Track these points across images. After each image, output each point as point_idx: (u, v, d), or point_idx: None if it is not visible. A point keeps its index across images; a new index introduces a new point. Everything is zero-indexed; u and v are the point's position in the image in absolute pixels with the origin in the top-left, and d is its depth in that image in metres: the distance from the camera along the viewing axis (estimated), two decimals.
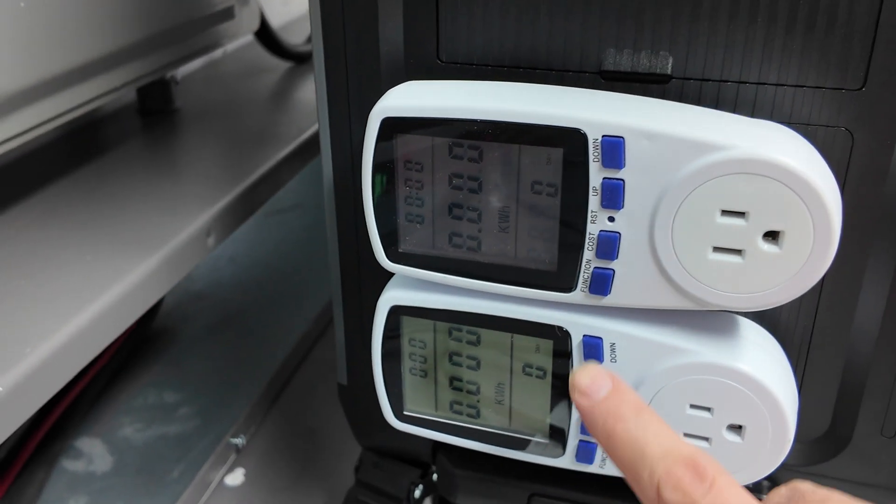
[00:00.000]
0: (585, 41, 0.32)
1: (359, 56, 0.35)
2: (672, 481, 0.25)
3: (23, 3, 0.41)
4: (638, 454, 0.26)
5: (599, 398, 0.28)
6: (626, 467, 0.27)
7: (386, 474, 0.46)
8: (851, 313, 0.34)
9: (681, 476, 0.25)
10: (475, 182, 0.32)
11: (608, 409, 0.28)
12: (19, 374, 0.36)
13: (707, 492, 0.25)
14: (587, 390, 0.29)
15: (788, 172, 0.27)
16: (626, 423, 0.27)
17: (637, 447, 0.26)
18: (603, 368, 0.30)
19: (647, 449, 0.26)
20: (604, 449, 0.28)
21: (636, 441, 0.27)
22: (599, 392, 0.29)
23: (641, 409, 0.28)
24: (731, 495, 0.25)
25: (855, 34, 0.29)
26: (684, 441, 0.27)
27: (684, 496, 0.25)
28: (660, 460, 0.26)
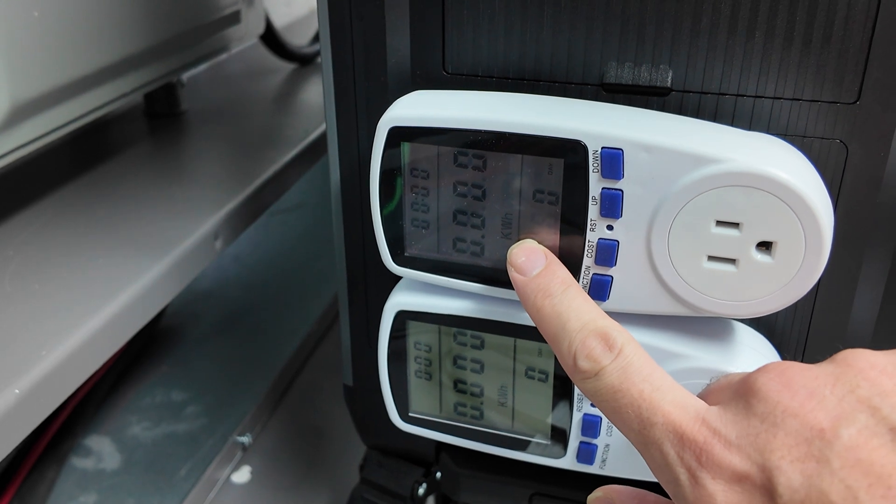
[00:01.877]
0: (588, 54, 0.33)
1: (367, 67, 0.36)
2: (585, 351, 0.27)
3: (36, 12, 0.42)
4: (560, 327, 0.29)
5: (532, 275, 0.30)
6: (551, 340, 0.29)
7: (390, 473, 0.47)
8: (846, 319, 0.35)
9: (592, 346, 0.27)
10: (479, 190, 0.33)
11: (539, 286, 0.30)
12: (35, 376, 0.37)
13: (614, 359, 0.27)
14: (522, 267, 0.31)
15: (781, 185, 0.28)
16: (553, 299, 0.29)
17: (560, 321, 0.29)
18: (538, 246, 0.32)
19: (567, 323, 0.28)
20: (534, 323, 0.30)
21: (559, 315, 0.29)
22: (533, 269, 0.31)
23: (569, 285, 0.30)
24: (635, 360, 0.27)
25: (850, 49, 0.30)
26: (603, 315, 0.29)
27: (594, 364, 0.27)
28: (577, 332, 0.28)
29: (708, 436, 0.24)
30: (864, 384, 0.23)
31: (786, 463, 0.23)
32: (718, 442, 0.24)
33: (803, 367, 0.25)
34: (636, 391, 0.26)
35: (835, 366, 0.25)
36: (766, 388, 0.24)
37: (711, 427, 0.25)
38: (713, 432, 0.24)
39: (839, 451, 0.22)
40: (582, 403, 0.36)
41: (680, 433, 0.25)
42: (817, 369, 0.25)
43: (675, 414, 0.25)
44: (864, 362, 0.24)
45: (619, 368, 0.27)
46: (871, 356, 0.24)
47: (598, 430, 0.36)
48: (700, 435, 0.25)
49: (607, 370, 0.27)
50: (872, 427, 0.22)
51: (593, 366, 0.27)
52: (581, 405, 0.36)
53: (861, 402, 0.23)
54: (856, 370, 0.24)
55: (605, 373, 0.27)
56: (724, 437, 0.24)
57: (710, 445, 0.24)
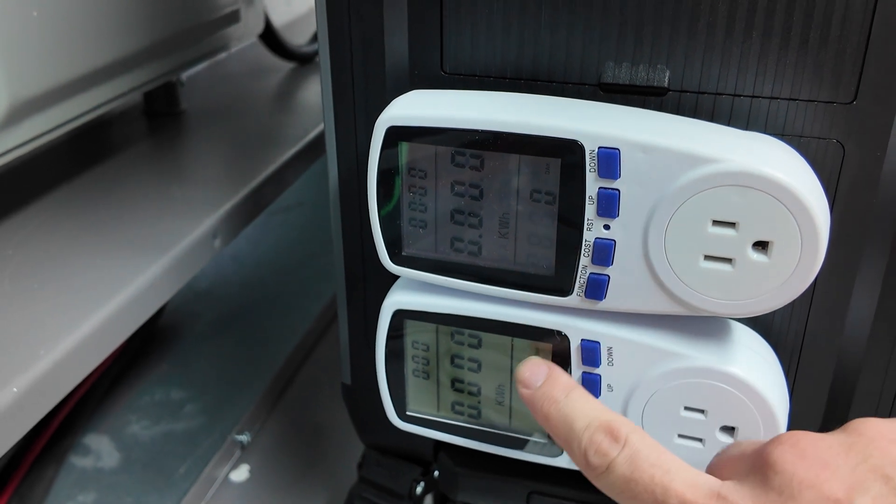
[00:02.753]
0: (585, 54, 0.33)
1: (365, 67, 0.36)
2: (594, 447, 0.29)
3: (35, 12, 0.42)
4: (568, 429, 0.30)
5: (537, 386, 0.32)
6: (563, 442, 0.30)
7: (388, 471, 0.47)
8: (842, 318, 0.35)
9: (600, 441, 0.29)
10: (476, 189, 0.33)
11: (544, 395, 0.32)
12: (34, 375, 0.37)
13: (621, 449, 0.28)
14: (527, 381, 0.33)
15: (777, 185, 0.28)
16: (558, 404, 0.31)
17: (567, 423, 0.30)
18: (541, 360, 0.34)
19: (574, 424, 0.30)
20: (546, 430, 0.31)
21: (566, 418, 0.30)
22: (537, 381, 0.32)
23: (571, 389, 0.31)
24: (642, 448, 0.28)
25: (847, 50, 0.30)
26: (607, 411, 0.30)
27: (603, 457, 0.28)
28: (584, 430, 0.29)
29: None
30: (875, 453, 0.25)
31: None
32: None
33: (816, 437, 0.26)
34: (647, 477, 0.27)
35: (846, 435, 0.26)
36: (781, 459, 0.25)
37: (728, 501, 0.26)
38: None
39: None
40: None
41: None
42: (830, 439, 0.26)
43: (689, 493, 0.26)
44: (874, 431, 0.25)
45: (627, 458, 0.28)
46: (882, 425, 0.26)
47: None
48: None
49: (617, 462, 0.28)
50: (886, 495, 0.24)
51: (603, 460, 0.28)
52: None
53: (873, 472, 0.24)
54: (867, 439, 0.25)
55: (615, 465, 0.28)
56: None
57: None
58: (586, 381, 0.35)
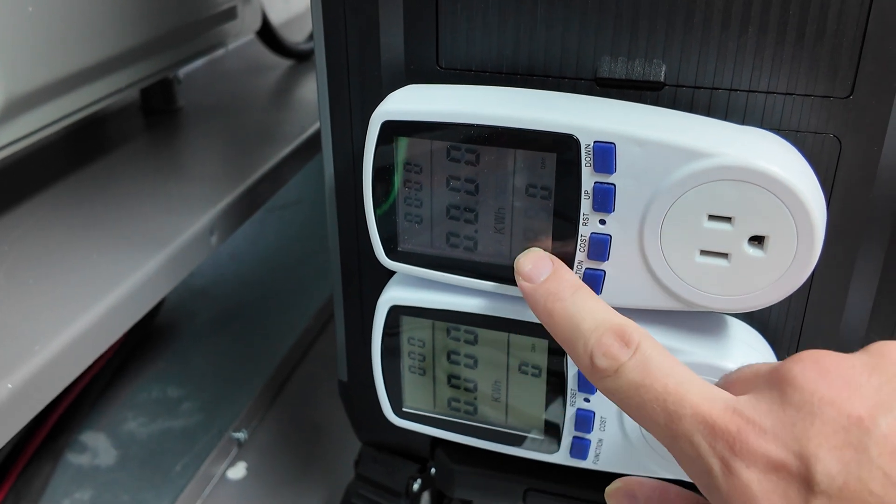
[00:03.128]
0: (581, 49, 0.33)
1: (360, 62, 0.36)
2: (602, 349, 0.27)
3: (31, 7, 0.42)
4: (574, 328, 0.28)
5: (540, 281, 0.30)
6: (565, 342, 0.29)
7: (385, 469, 0.47)
8: (840, 314, 0.35)
9: (609, 344, 0.27)
10: (472, 184, 0.33)
11: (548, 290, 0.30)
12: (28, 371, 0.37)
13: (632, 354, 0.27)
14: (529, 274, 0.31)
15: (773, 180, 0.28)
16: (564, 302, 0.29)
17: (573, 322, 0.28)
18: (545, 253, 0.32)
19: (581, 324, 0.28)
20: (546, 328, 0.30)
21: (572, 317, 0.29)
22: (540, 275, 0.31)
23: (578, 287, 0.30)
24: (654, 356, 0.26)
25: (843, 44, 0.30)
26: (616, 314, 0.28)
27: (612, 361, 0.27)
28: (591, 332, 0.28)
29: (741, 424, 0.24)
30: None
31: (823, 451, 0.23)
32: (753, 430, 0.24)
33: (838, 356, 0.25)
34: (660, 385, 0.26)
35: (869, 356, 0.25)
36: (801, 376, 0.24)
37: (744, 416, 0.24)
38: (747, 421, 0.24)
39: (877, 439, 0.22)
40: (575, 399, 0.36)
41: (711, 423, 0.24)
42: (853, 359, 0.25)
43: (704, 405, 0.25)
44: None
45: (639, 364, 0.26)
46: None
47: (591, 426, 0.36)
48: (733, 424, 0.24)
49: (627, 366, 0.26)
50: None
51: (611, 363, 0.27)
52: (574, 400, 0.36)
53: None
54: (891, 360, 0.24)
55: (624, 369, 0.26)
56: (759, 425, 0.24)
57: (745, 434, 0.24)
58: (582, 376, 0.35)
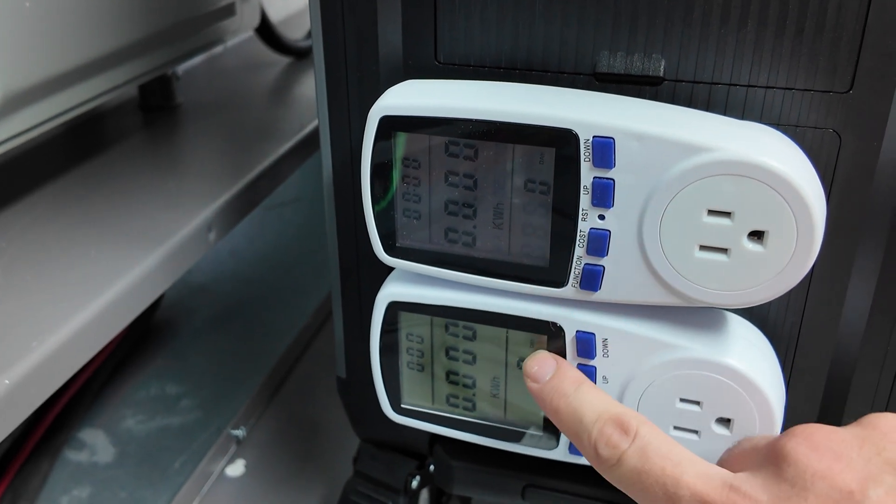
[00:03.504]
0: (580, 44, 0.33)
1: (359, 57, 0.36)
2: (603, 440, 0.29)
3: (28, 3, 0.42)
4: (578, 422, 0.30)
5: (545, 380, 0.32)
6: (572, 436, 0.30)
7: (384, 465, 0.47)
8: (839, 309, 0.35)
9: (609, 433, 0.29)
10: (471, 179, 0.33)
11: (553, 388, 0.32)
12: (25, 367, 0.37)
13: (631, 442, 0.28)
14: (535, 376, 0.32)
15: (772, 174, 0.28)
16: (567, 398, 0.31)
17: (577, 417, 0.30)
18: (549, 354, 0.33)
19: (584, 417, 0.30)
20: (555, 424, 0.31)
21: (575, 411, 0.30)
22: (545, 375, 0.32)
23: (580, 382, 0.31)
24: (652, 440, 0.28)
25: (843, 38, 0.30)
26: (616, 404, 0.30)
27: (614, 449, 0.28)
28: (593, 424, 0.29)
29: (737, 500, 0.25)
30: (890, 447, 0.25)
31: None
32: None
33: (830, 429, 0.26)
34: (658, 469, 0.27)
35: (860, 428, 0.26)
36: (794, 452, 0.25)
37: (741, 492, 0.25)
38: (743, 496, 0.25)
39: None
40: None
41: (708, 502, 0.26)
42: (843, 432, 0.26)
43: (699, 485, 0.26)
44: (888, 425, 0.25)
45: (638, 450, 0.28)
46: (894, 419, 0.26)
47: None
48: (729, 501, 0.25)
49: (627, 454, 0.28)
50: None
51: (613, 452, 0.28)
52: None
53: (888, 464, 0.24)
54: (881, 433, 0.25)
55: (625, 457, 0.28)
56: (755, 500, 0.25)
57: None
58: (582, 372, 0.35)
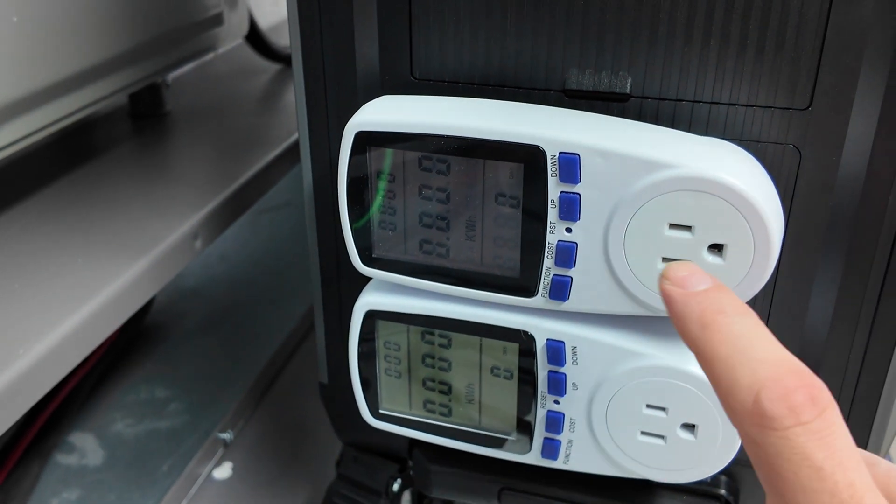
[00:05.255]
0: (550, 61, 0.34)
1: (336, 73, 0.37)
2: (779, 390, 0.21)
3: (15, 17, 0.43)
4: (739, 352, 0.22)
5: (696, 290, 0.25)
6: (721, 362, 0.22)
7: (366, 469, 0.48)
8: (802, 319, 0.36)
9: (793, 389, 0.21)
10: (444, 193, 0.34)
11: (709, 300, 0.24)
12: (13, 374, 0.38)
13: (817, 416, 0.21)
14: (683, 281, 0.25)
15: (730, 190, 0.29)
16: (729, 318, 0.23)
17: (740, 344, 0.22)
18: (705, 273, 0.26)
19: (752, 351, 0.22)
20: (689, 342, 0.24)
21: (740, 338, 0.23)
22: (697, 285, 0.25)
23: (748, 311, 0.24)
24: (842, 433, 0.21)
25: (802, 57, 0.31)
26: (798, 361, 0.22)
27: (790, 412, 0.21)
28: (768, 364, 0.22)
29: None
30: None
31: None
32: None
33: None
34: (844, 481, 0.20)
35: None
36: None
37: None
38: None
39: None
40: (545, 401, 0.37)
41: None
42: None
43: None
44: None
45: (822, 435, 0.20)
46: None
47: (560, 427, 0.37)
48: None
49: (808, 429, 0.20)
50: None
51: (786, 416, 0.21)
52: (544, 402, 0.37)
53: None
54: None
55: (802, 432, 0.20)
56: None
57: None
58: (551, 379, 0.36)
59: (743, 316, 0.23)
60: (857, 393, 0.37)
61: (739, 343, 0.22)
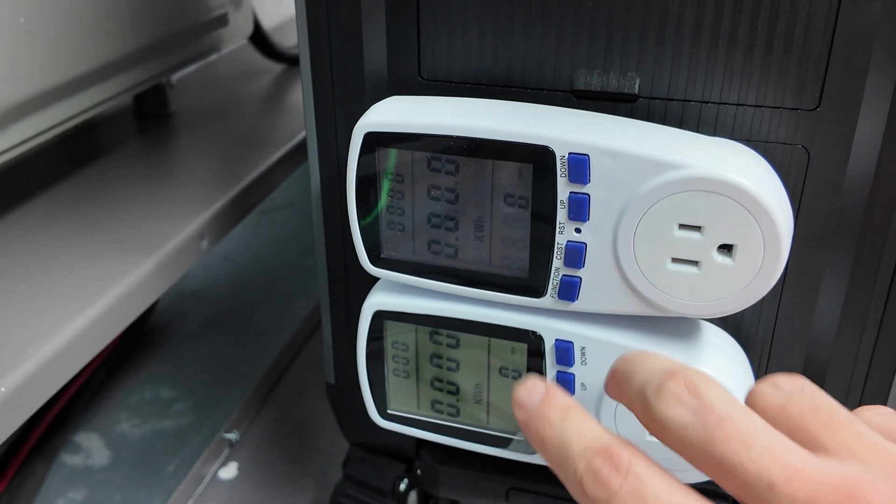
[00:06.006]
0: (558, 62, 0.34)
1: (344, 74, 0.37)
2: (591, 475, 0.25)
3: (23, 18, 0.43)
4: (563, 454, 0.26)
5: (533, 407, 0.28)
6: (557, 469, 0.27)
7: (372, 469, 0.48)
8: (810, 318, 0.36)
9: (598, 468, 0.24)
10: (452, 193, 0.34)
11: (539, 415, 0.28)
12: (21, 374, 0.38)
13: (624, 480, 0.24)
14: (522, 402, 0.29)
15: (740, 190, 0.29)
16: (553, 427, 0.27)
17: (562, 448, 0.26)
18: (538, 378, 0.30)
19: (569, 449, 0.26)
20: (542, 457, 0.28)
21: (561, 442, 0.26)
22: (533, 401, 0.28)
23: (568, 409, 0.27)
24: (647, 478, 0.24)
25: (810, 57, 0.31)
26: (607, 433, 0.26)
27: (603, 488, 0.24)
28: (580, 457, 0.25)
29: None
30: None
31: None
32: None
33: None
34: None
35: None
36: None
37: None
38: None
39: None
40: None
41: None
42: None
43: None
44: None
45: (632, 492, 0.23)
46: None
47: None
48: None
49: (619, 495, 0.24)
50: None
51: (603, 493, 0.24)
52: None
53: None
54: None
55: (617, 499, 0.24)
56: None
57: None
58: (560, 379, 0.36)
59: (563, 420, 0.27)
60: (864, 393, 0.37)
61: (562, 447, 0.26)
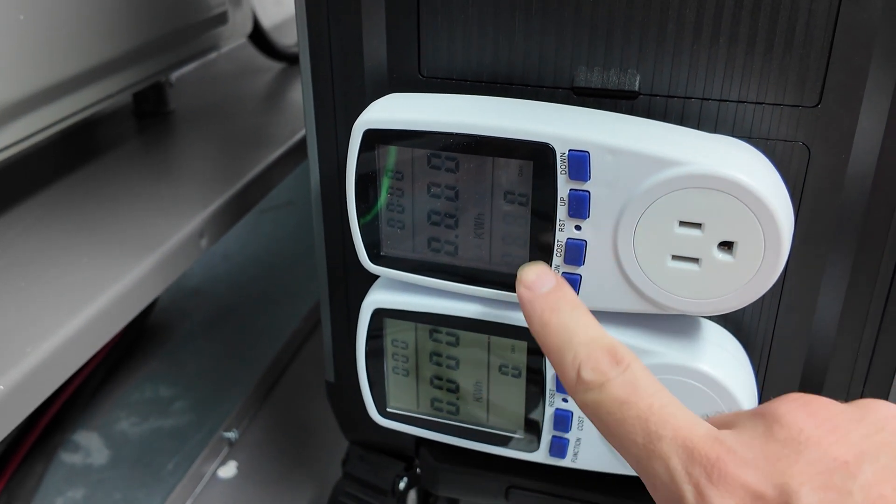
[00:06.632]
0: (558, 59, 0.34)
1: (344, 71, 0.37)
2: (591, 363, 0.27)
3: (22, 16, 0.43)
4: (566, 340, 0.29)
5: (541, 292, 0.30)
6: (554, 352, 0.29)
7: (372, 467, 0.48)
8: (810, 316, 0.36)
9: (599, 358, 0.27)
10: (452, 191, 0.34)
11: (547, 302, 0.30)
12: (20, 372, 0.38)
13: (622, 372, 0.27)
14: (531, 284, 0.31)
15: (741, 188, 0.29)
16: (560, 314, 0.29)
17: (566, 334, 0.29)
18: (549, 268, 0.32)
19: (574, 337, 0.28)
20: (536, 338, 0.30)
21: (566, 329, 0.29)
22: (542, 287, 0.31)
23: (577, 305, 0.30)
24: (644, 377, 0.27)
25: (811, 54, 0.31)
26: (611, 337, 0.29)
27: (599, 375, 0.27)
28: (584, 345, 0.28)
29: (722, 453, 0.24)
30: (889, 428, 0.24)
31: (806, 489, 0.23)
32: (733, 460, 0.24)
33: (827, 401, 0.25)
34: (645, 404, 0.26)
35: (857, 408, 0.25)
36: (789, 415, 0.24)
37: (726, 445, 0.24)
38: (727, 450, 0.24)
39: (862, 485, 0.22)
40: (553, 399, 0.37)
41: (690, 448, 0.24)
42: (842, 406, 0.25)
43: (686, 429, 0.25)
44: (888, 411, 0.25)
45: (628, 381, 0.26)
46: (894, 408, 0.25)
47: (569, 425, 0.37)
48: (713, 451, 0.24)
49: (614, 382, 0.27)
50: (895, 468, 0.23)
51: (598, 377, 0.27)
52: (553, 400, 0.37)
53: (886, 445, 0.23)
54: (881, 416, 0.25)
55: (611, 384, 0.27)
56: (740, 455, 0.24)
57: (724, 462, 0.24)
58: None
59: (573, 311, 0.29)
60: (865, 391, 0.37)
61: (566, 334, 0.29)
